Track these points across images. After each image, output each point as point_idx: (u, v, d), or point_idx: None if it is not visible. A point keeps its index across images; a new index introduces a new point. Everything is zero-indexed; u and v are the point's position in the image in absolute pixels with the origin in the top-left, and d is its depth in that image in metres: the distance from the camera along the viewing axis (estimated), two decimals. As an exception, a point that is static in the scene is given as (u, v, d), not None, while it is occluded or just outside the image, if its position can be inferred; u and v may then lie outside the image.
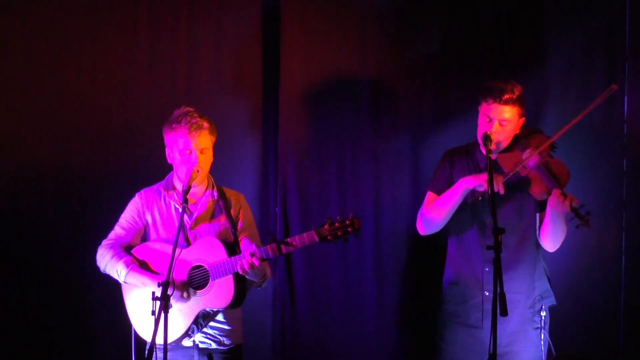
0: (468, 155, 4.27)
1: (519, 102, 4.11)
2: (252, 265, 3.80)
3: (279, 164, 4.92)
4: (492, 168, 4.02)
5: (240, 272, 3.83)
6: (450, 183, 4.23)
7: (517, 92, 4.10)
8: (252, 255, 3.81)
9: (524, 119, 4.17)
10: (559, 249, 4.43)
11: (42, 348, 4.75)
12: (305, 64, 4.93)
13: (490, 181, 3.84)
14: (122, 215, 4.11)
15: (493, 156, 4.12)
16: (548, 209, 4.05)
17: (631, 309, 4.77)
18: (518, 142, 4.15)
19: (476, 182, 4.05)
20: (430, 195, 4.29)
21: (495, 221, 3.71)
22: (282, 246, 3.83)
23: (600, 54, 4.81)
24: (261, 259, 3.83)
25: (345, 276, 4.94)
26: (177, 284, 3.87)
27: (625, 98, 4.79)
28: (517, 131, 4.16)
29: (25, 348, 4.74)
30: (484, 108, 4.12)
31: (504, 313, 3.55)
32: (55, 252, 4.75)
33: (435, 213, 4.19)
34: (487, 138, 4.04)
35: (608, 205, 4.78)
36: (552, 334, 4.22)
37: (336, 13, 4.94)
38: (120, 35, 4.84)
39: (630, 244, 4.77)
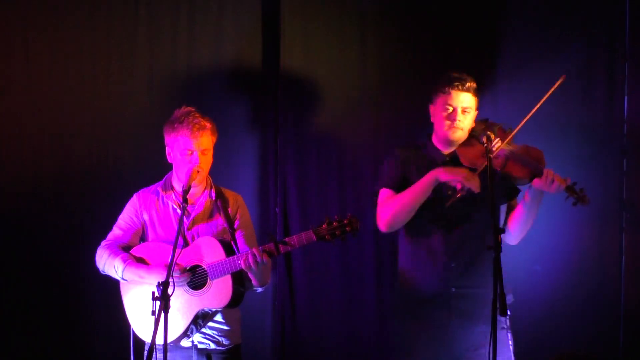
0: (419, 152, 4.16)
1: (477, 92, 4.07)
2: (256, 261, 3.80)
3: (279, 164, 4.92)
4: (453, 162, 4.01)
5: (244, 267, 3.83)
6: (404, 179, 4.10)
7: (475, 82, 4.06)
8: (260, 251, 3.81)
9: (477, 112, 4.13)
10: (559, 249, 4.44)
11: (40, 348, 4.75)
12: (305, 64, 4.93)
13: (491, 179, 3.81)
14: (120, 216, 4.11)
15: (447, 150, 4.09)
16: (531, 194, 3.97)
17: (631, 309, 4.76)
18: (475, 136, 4.10)
19: (450, 176, 3.92)
20: (386, 192, 4.12)
21: (496, 221, 3.70)
22: (280, 246, 3.83)
23: (600, 54, 4.80)
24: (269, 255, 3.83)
25: (346, 276, 4.94)
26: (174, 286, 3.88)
27: (625, 98, 4.79)
28: (473, 124, 4.11)
29: (23, 348, 4.74)
30: (443, 99, 4.02)
31: (504, 313, 3.54)
32: (54, 252, 4.75)
33: (401, 207, 3.99)
34: (488, 138, 4.00)
35: (608, 205, 4.77)
36: (552, 334, 4.22)
37: (336, 13, 4.94)
38: (120, 34, 4.85)
39: (630, 244, 4.77)
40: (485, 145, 3.96)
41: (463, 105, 4.04)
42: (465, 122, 4.06)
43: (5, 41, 4.76)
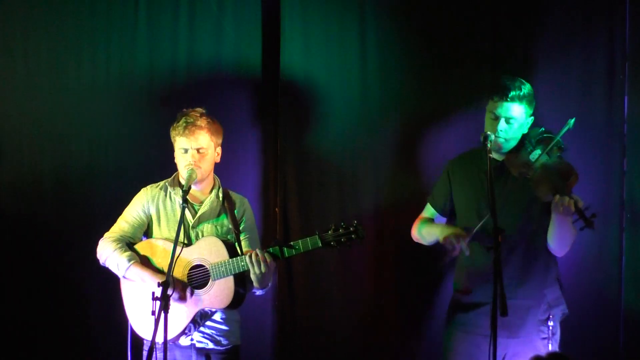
0: (473, 162, 4.20)
1: (527, 100, 4.04)
2: (260, 260, 3.81)
3: (279, 165, 4.92)
4: (499, 170, 4.02)
5: (249, 268, 3.84)
6: (447, 196, 4.22)
7: (524, 90, 4.03)
8: (263, 252, 3.83)
9: (532, 119, 4.12)
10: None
11: (39, 344, 4.76)
12: (305, 64, 4.93)
13: (491, 181, 3.82)
14: (127, 209, 4.13)
15: (498, 157, 4.10)
16: (552, 210, 4.00)
17: (631, 309, 4.76)
18: (527, 144, 4.10)
19: (441, 238, 4.05)
20: (427, 207, 4.33)
21: (496, 221, 3.69)
22: (286, 250, 3.84)
23: (600, 54, 4.80)
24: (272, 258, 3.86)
25: (346, 276, 4.94)
26: (176, 284, 3.88)
27: (625, 98, 4.78)
28: (525, 131, 4.12)
29: (22, 344, 4.75)
30: (490, 106, 4.07)
31: (504, 313, 3.54)
32: (53, 251, 4.76)
33: (421, 237, 4.28)
34: (486, 138, 4.01)
35: (608, 205, 4.77)
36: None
37: (336, 13, 4.94)
38: (120, 34, 4.85)
39: (630, 244, 4.76)
40: (484, 144, 3.96)
41: (506, 115, 4.02)
42: (510, 132, 4.04)
43: (5, 41, 4.77)
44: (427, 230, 4.25)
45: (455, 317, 4.19)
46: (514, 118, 4.03)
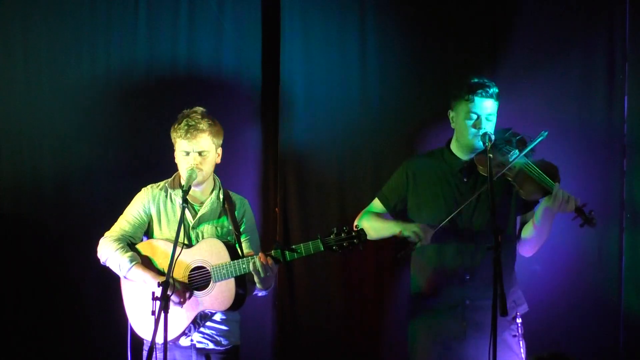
0: (436, 162, 4.19)
1: (499, 97, 4.08)
2: (265, 265, 3.81)
3: (279, 165, 4.92)
4: (468, 171, 4.02)
5: (252, 271, 3.84)
6: (401, 197, 4.20)
7: (496, 87, 4.08)
8: (266, 256, 3.82)
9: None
10: (559, 249, 4.44)
11: (39, 343, 4.77)
12: (305, 63, 4.93)
13: (490, 180, 3.82)
14: (127, 209, 4.13)
15: (466, 157, 4.10)
16: (543, 209, 4.00)
17: (631, 309, 4.77)
18: (500, 144, 4.11)
19: (407, 232, 4.02)
20: (375, 202, 4.28)
21: (495, 220, 3.69)
22: (288, 253, 3.84)
23: (600, 54, 4.80)
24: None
25: (346, 276, 4.94)
26: (177, 285, 3.87)
27: (625, 98, 4.79)
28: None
29: (23, 343, 4.75)
30: (465, 106, 4.04)
31: (504, 313, 3.54)
32: (53, 251, 4.77)
33: (368, 231, 4.00)
34: (488, 138, 4.00)
35: (608, 205, 4.77)
36: (551, 334, 4.22)
37: (336, 12, 4.94)
38: (120, 34, 4.85)
39: (630, 244, 4.77)
40: (486, 145, 3.97)
41: (487, 113, 4.04)
42: (488, 130, 4.05)
43: (5, 41, 4.77)
44: (377, 224, 4.18)
45: (420, 320, 4.16)
46: (492, 115, 4.07)
